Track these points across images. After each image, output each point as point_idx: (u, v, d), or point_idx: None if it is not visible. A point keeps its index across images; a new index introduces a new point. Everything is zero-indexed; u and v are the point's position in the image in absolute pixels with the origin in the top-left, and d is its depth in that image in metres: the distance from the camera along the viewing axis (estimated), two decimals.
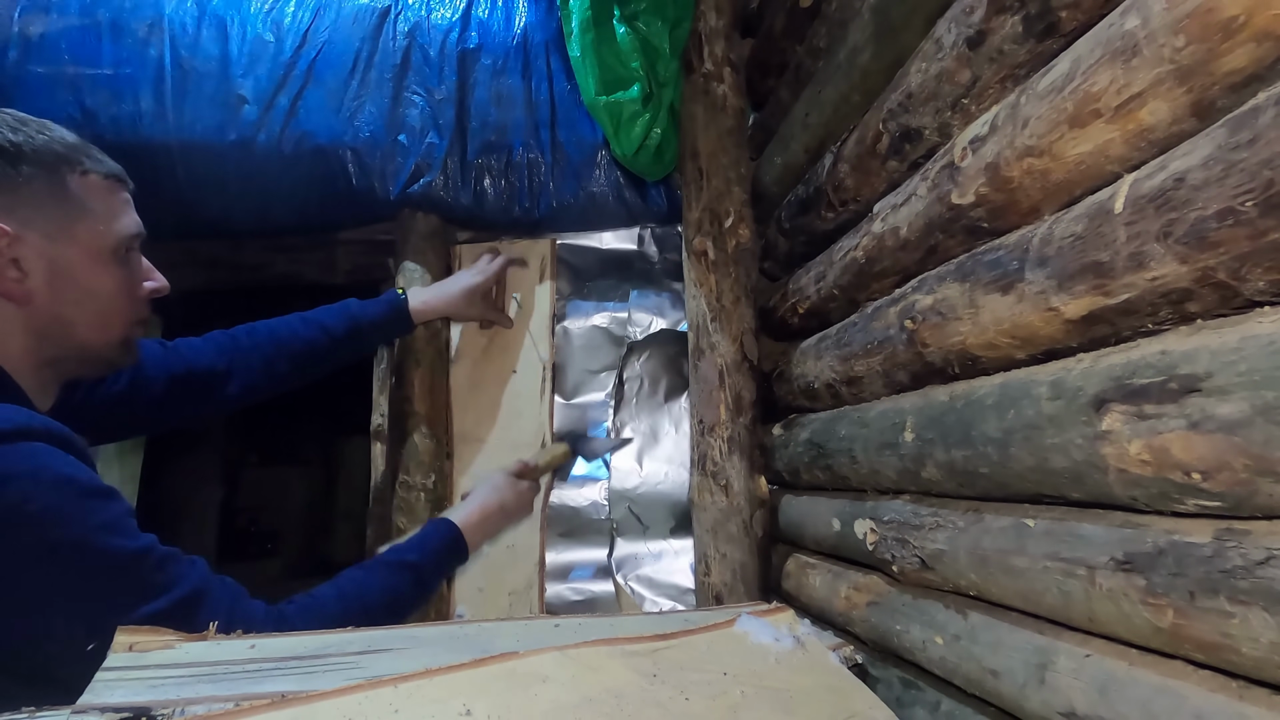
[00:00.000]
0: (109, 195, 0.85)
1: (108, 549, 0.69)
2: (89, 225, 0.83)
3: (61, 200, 0.81)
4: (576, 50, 1.20)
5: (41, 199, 0.80)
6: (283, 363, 1.17)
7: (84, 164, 0.83)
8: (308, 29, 1.38)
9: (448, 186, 1.38)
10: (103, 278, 0.84)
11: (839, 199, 0.99)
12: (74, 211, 0.82)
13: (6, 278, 0.77)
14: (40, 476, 0.67)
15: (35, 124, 0.81)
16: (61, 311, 0.81)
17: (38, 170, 0.79)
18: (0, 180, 0.77)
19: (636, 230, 1.55)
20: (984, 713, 0.69)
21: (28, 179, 0.79)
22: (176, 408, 1.06)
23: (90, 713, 0.52)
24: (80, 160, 0.83)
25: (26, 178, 0.79)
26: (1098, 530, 0.54)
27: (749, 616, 0.76)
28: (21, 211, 0.78)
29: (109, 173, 0.86)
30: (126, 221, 0.87)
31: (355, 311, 1.25)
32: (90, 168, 0.84)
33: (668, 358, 1.50)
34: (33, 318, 0.79)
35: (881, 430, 0.86)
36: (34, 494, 0.66)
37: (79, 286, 0.82)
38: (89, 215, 0.83)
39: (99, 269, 0.84)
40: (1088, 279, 0.54)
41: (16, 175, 0.78)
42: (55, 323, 0.81)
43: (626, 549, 1.42)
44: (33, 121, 0.81)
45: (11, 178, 0.78)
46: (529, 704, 0.56)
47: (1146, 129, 0.50)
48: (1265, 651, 0.42)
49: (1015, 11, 0.62)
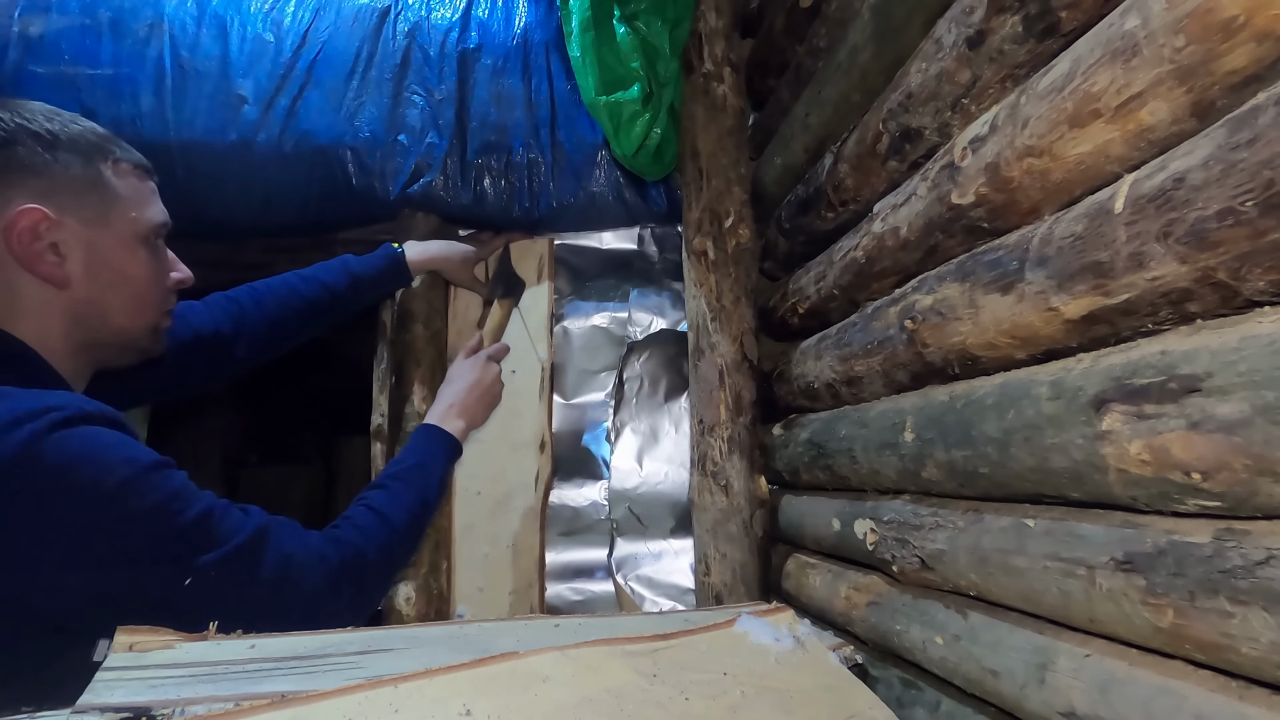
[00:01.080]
0: (139, 184, 0.89)
1: (185, 514, 0.74)
2: (122, 212, 0.85)
3: (97, 187, 0.84)
4: (576, 50, 1.20)
5: (78, 185, 0.82)
6: (287, 321, 1.20)
7: (115, 153, 0.86)
8: (308, 29, 1.38)
9: (448, 186, 1.38)
10: (136, 263, 0.87)
11: (839, 199, 0.99)
12: (108, 198, 0.84)
13: (46, 261, 0.80)
14: (109, 456, 0.71)
15: (68, 115, 0.84)
16: (98, 295, 0.84)
17: (74, 157, 0.82)
18: (38, 166, 0.80)
19: (636, 230, 1.55)
20: (984, 713, 0.69)
21: (64, 165, 0.81)
22: (185, 374, 1.08)
23: (90, 713, 0.53)
24: (112, 150, 0.86)
25: (63, 164, 0.81)
26: (1098, 530, 0.54)
27: (749, 616, 0.76)
28: (59, 197, 0.81)
29: (138, 163, 0.89)
30: (155, 210, 0.90)
31: (354, 267, 1.28)
32: (121, 157, 0.87)
33: (668, 358, 1.50)
34: (70, 302, 0.82)
35: (881, 430, 0.86)
36: (108, 471, 0.70)
37: (114, 271, 0.85)
38: (122, 202, 0.86)
39: (132, 255, 0.86)
40: (1088, 279, 0.54)
41: (54, 161, 0.81)
42: (92, 307, 0.84)
43: (626, 549, 1.42)
44: (65, 113, 0.84)
45: (49, 164, 0.80)
46: (529, 704, 0.56)
47: (1146, 129, 0.50)
48: (1265, 651, 0.42)
49: (1015, 11, 0.62)
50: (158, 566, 0.72)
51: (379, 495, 1.01)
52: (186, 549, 0.73)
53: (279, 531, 0.82)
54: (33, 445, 0.67)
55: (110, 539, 0.70)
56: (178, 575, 0.72)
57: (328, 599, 0.83)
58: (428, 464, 1.13)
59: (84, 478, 0.69)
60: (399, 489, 1.04)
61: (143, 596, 0.71)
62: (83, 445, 0.70)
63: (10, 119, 0.80)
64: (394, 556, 1.00)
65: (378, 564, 0.93)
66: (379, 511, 0.97)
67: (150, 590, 0.71)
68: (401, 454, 1.15)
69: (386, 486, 1.04)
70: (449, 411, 1.25)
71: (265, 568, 0.78)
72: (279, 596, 0.78)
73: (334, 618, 0.78)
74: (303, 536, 0.85)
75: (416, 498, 1.05)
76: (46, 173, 0.80)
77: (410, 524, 1.02)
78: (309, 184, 1.36)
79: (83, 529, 0.69)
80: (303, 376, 3.25)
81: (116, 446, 0.73)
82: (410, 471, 1.09)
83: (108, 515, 0.70)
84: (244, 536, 0.77)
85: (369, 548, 0.91)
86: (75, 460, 0.69)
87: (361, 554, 0.90)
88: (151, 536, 0.72)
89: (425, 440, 1.19)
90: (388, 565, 0.99)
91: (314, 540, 0.86)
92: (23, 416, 0.68)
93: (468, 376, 1.30)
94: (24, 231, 0.79)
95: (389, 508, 0.99)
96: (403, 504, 1.01)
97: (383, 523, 0.96)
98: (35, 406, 0.70)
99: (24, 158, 0.79)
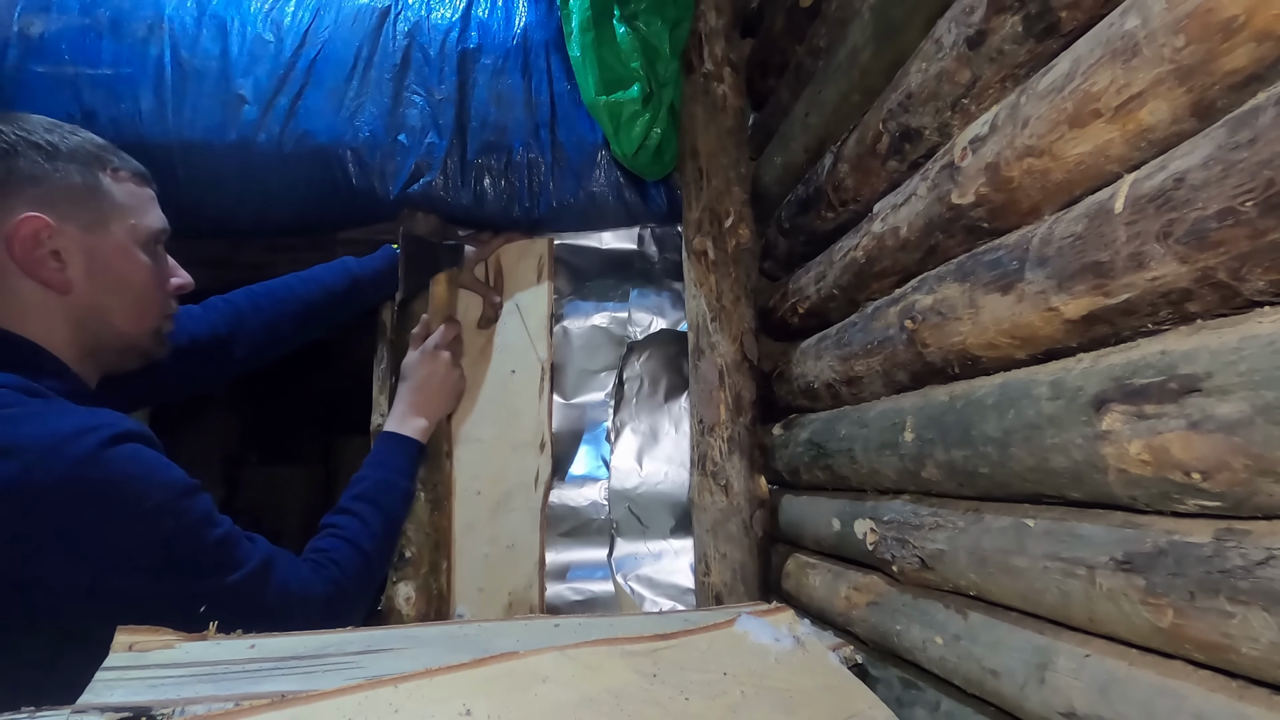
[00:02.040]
0: (138, 191, 0.91)
1: (208, 537, 0.79)
2: (121, 218, 0.88)
3: (96, 195, 0.87)
4: (576, 50, 1.20)
5: (78, 193, 0.85)
6: (284, 323, 1.21)
7: (114, 162, 0.89)
8: (308, 29, 1.37)
9: (447, 186, 1.38)
10: (136, 268, 0.89)
11: (839, 199, 0.99)
12: (108, 205, 0.87)
13: (48, 267, 0.83)
14: (151, 479, 0.76)
15: (68, 127, 0.88)
16: (99, 300, 0.86)
17: (73, 166, 0.85)
18: (39, 175, 0.83)
19: (636, 230, 1.54)
20: (984, 713, 0.69)
21: (64, 175, 0.84)
22: (184, 377, 1.10)
23: (90, 712, 0.53)
24: (111, 159, 0.89)
25: (63, 173, 0.84)
26: (1098, 530, 0.54)
27: (749, 616, 0.76)
28: (60, 205, 0.83)
29: (136, 171, 0.92)
30: (154, 217, 0.93)
31: (353, 268, 1.29)
32: (120, 165, 0.90)
33: (668, 358, 1.50)
34: (73, 306, 0.85)
35: (881, 430, 0.86)
36: (147, 493, 0.75)
37: (115, 276, 0.87)
38: (121, 209, 0.88)
39: (132, 260, 0.89)
40: (1088, 279, 0.54)
41: (54, 171, 0.84)
42: (94, 311, 0.86)
43: (626, 549, 1.42)
44: (65, 125, 0.88)
45: (49, 173, 0.83)
46: (529, 704, 0.56)
47: (1146, 129, 0.50)
48: (1265, 651, 0.42)
49: (1015, 11, 0.62)
50: (179, 581, 0.77)
51: (349, 523, 1.03)
52: (207, 569, 0.79)
53: (280, 563, 0.86)
54: (84, 462, 0.72)
55: (143, 553, 0.75)
56: (195, 592, 0.77)
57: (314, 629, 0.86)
58: (392, 479, 1.14)
59: (128, 496, 0.74)
60: (367, 513, 1.05)
61: (159, 606, 0.74)
62: (127, 465, 0.75)
63: (11, 131, 0.83)
64: (371, 580, 1.05)
65: (354, 594, 0.98)
66: (352, 541, 1.00)
67: (169, 601, 0.76)
68: (365, 467, 1.14)
69: (353, 512, 1.05)
70: (408, 412, 1.23)
71: (269, 596, 0.83)
72: (273, 624, 0.80)
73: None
74: (297, 569, 0.90)
75: (384, 519, 1.07)
76: (47, 182, 0.83)
77: (381, 546, 1.06)
78: (309, 184, 1.36)
79: (120, 543, 0.74)
80: (303, 376, 3.25)
81: (157, 469, 0.78)
82: (375, 489, 1.09)
83: (144, 532, 0.75)
84: (254, 564, 0.82)
85: (346, 580, 0.95)
86: (121, 479, 0.74)
87: (341, 588, 0.94)
88: (179, 554, 0.77)
89: (386, 451, 1.18)
90: (365, 591, 1.03)
91: (305, 572, 0.91)
92: (72, 433, 0.73)
93: (419, 372, 1.27)
94: (26, 239, 0.81)
95: (360, 535, 1.01)
96: (372, 530, 1.04)
97: (356, 552, 0.99)
98: (84, 424, 0.74)
99: (25, 168, 0.82)
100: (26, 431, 0.72)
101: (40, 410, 0.75)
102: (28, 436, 0.71)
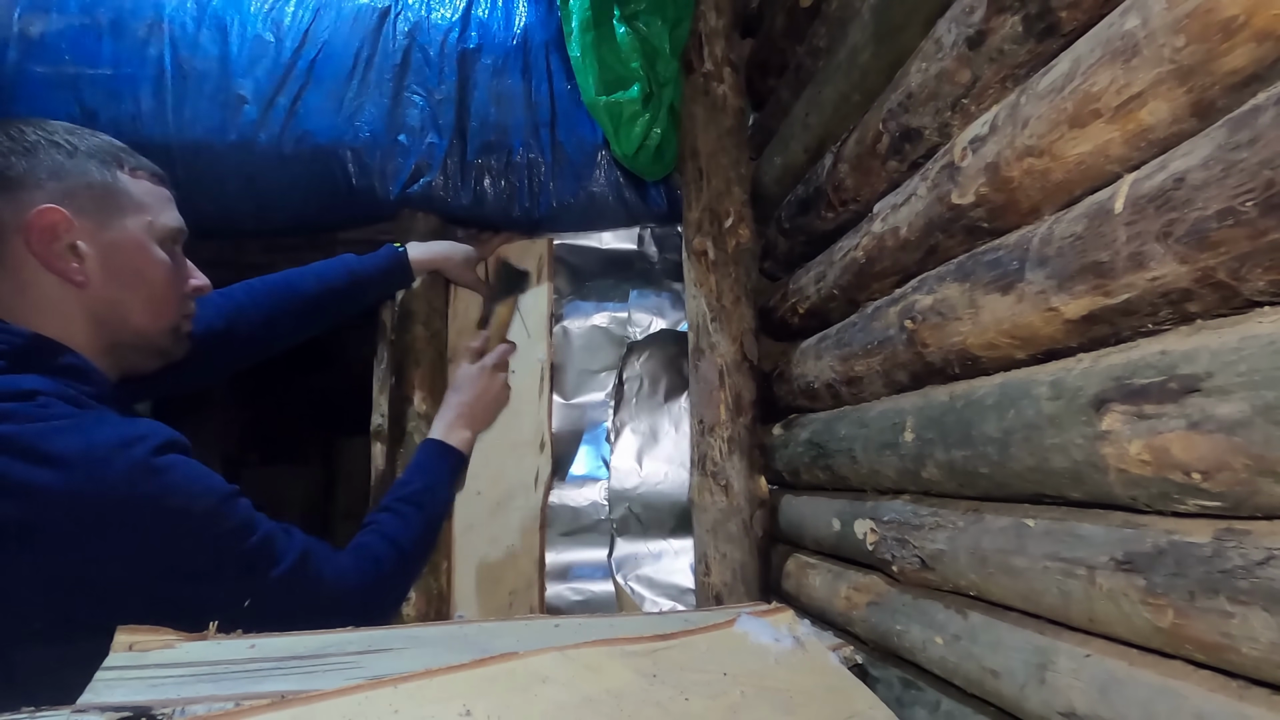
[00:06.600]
0: (155, 189, 0.93)
1: (252, 538, 0.82)
2: (139, 215, 0.89)
3: (114, 191, 0.88)
4: (576, 50, 1.20)
5: (96, 189, 0.86)
6: (282, 319, 1.21)
7: (132, 162, 0.91)
8: (308, 29, 1.37)
9: (447, 186, 1.38)
10: (153, 265, 0.90)
11: (839, 199, 0.99)
12: (125, 202, 0.89)
13: (65, 261, 0.84)
14: (195, 487, 0.79)
15: (87, 130, 0.90)
16: (116, 296, 0.87)
17: (91, 163, 0.87)
18: (59, 172, 0.84)
19: (636, 230, 1.54)
20: (984, 713, 0.69)
21: (83, 171, 0.86)
22: (181, 371, 1.09)
23: (90, 712, 0.53)
24: (128, 159, 0.91)
25: (81, 170, 0.86)
26: (1098, 530, 0.54)
27: (749, 617, 0.76)
28: (77, 200, 0.85)
29: (153, 171, 0.94)
30: (171, 216, 0.94)
31: (354, 265, 1.29)
32: (138, 165, 0.92)
33: (668, 358, 1.50)
34: (90, 301, 0.86)
35: (881, 430, 0.86)
36: (194, 501, 0.78)
37: (132, 272, 0.88)
38: (139, 206, 0.90)
39: (149, 256, 0.90)
40: (1088, 279, 0.54)
41: (72, 167, 0.85)
42: (111, 307, 0.87)
43: (626, 549, 1.42)
44: (84, 129, 0.90)
45: (68, 169, 0.85)
46: (529, 704, 0.56)
47: (1146, 129, 0.50)
48: (1265, 651, 0.42)
49: (1015, 11, 0.62)
50: (227, 582, 0.80)
51: (392, 521, 1.06)
52: (252, 568, 0.81)
53: (317, 553, 0.89)
54: (133, 473, 0.74)
55: (192, 559, 0.78)
56: (241, 590, 0.80)
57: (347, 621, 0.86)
58: (435, 486, 1.17)
59: (177, 505, 0.77)
60: (410, 515, 1.09)
61: (205, 606, 0.76)
62: (174, 475, 0.77)
63: (33, 132, 0.85)
64: (407, 578, 1.10)
65: (390, 590, 1.03)
66: (393, 540, 1.03)
67: (214, 601, 0.78)
68: (410, 472, 1.19)
69: (398, 511, 1.08)
70: (455, 423, 1.27)
71: (308, 587, 0.86)
72: (311, 614, 0.82)
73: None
74: (335, 560, 0.92)
75: (425, 522, 1.11)
76: (65, 177, 0.84)
77: (419, 548, 1.09)
78: (309, 184, 1.36)
79: (170, 550, 0.77)
80: (303, 376, 3.25)
81: (200, 476, 0.80)
82: (420, 495, 1.13)
83: (193, 539, 0.78)
84: (293, 557, 0.85)
85: (382, 575, 0.98)
86: (170, 490, 0.76)
87: (378, 582, 0.97)
88: (226, 557, 0.80)
89: (433, 459, 1.21)
90: (400, 588, 1.08)
91: (343, 564, 0.93)
92: (119, 444, 0.75)
93: (474, 386, 1.32)
94: (44, 231, 0.82)
95: (401, 535, 1.04)
96: (413, 531, 1.07)
97: (396, 551, 1.02)
98: (129, 434, 0.76)
99: (44, 164, 0.84)
100: (73, 442, 0.73)
101: (81, 419, 0.76)
102: (74, 447, 0.73)
